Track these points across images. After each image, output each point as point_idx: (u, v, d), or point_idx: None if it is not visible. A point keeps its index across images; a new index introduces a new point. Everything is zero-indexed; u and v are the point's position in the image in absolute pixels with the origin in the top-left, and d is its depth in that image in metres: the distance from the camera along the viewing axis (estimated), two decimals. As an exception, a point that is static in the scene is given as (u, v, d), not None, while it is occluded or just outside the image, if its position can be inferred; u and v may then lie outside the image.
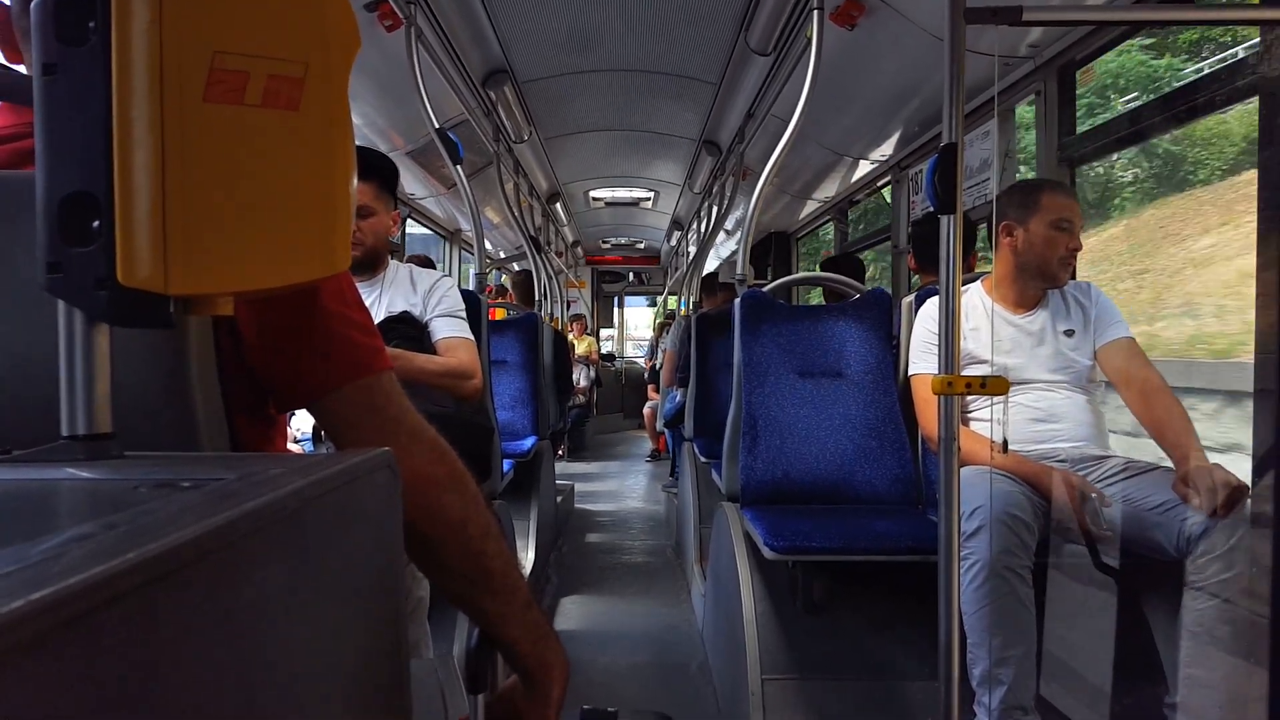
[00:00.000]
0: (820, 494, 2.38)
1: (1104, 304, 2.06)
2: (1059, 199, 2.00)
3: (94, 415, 0.47)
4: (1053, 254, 1.98)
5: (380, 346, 0.75)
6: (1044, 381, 2.01)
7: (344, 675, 0.44)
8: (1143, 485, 1.79)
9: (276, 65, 0.46)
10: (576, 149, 5.24)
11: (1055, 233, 1.97)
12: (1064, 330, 2.03)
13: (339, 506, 0.44)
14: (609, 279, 11.78)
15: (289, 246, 0.48)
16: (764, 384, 2.46)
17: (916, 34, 2.57)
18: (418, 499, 0.72)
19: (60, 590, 0.23)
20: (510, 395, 3.99)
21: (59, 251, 0.44)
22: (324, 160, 0.49)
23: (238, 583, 0.32)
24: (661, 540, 4.69)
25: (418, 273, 2.19)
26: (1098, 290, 2.09)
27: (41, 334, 0.49)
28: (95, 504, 0.39)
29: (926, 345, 2.18)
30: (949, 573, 1.45)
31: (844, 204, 5.19)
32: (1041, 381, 2.01)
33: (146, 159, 0.43)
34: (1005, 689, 1.70)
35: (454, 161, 2.85)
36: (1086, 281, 2.13)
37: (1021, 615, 1.71)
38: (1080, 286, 2.10)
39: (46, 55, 0.43)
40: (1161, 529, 1.70)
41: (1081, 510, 1.76)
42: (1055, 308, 2.07)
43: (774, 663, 2.14)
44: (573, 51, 3.53)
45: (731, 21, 3.13)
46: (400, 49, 2.66)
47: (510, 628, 0.82)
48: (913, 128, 3.58)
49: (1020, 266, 2.04)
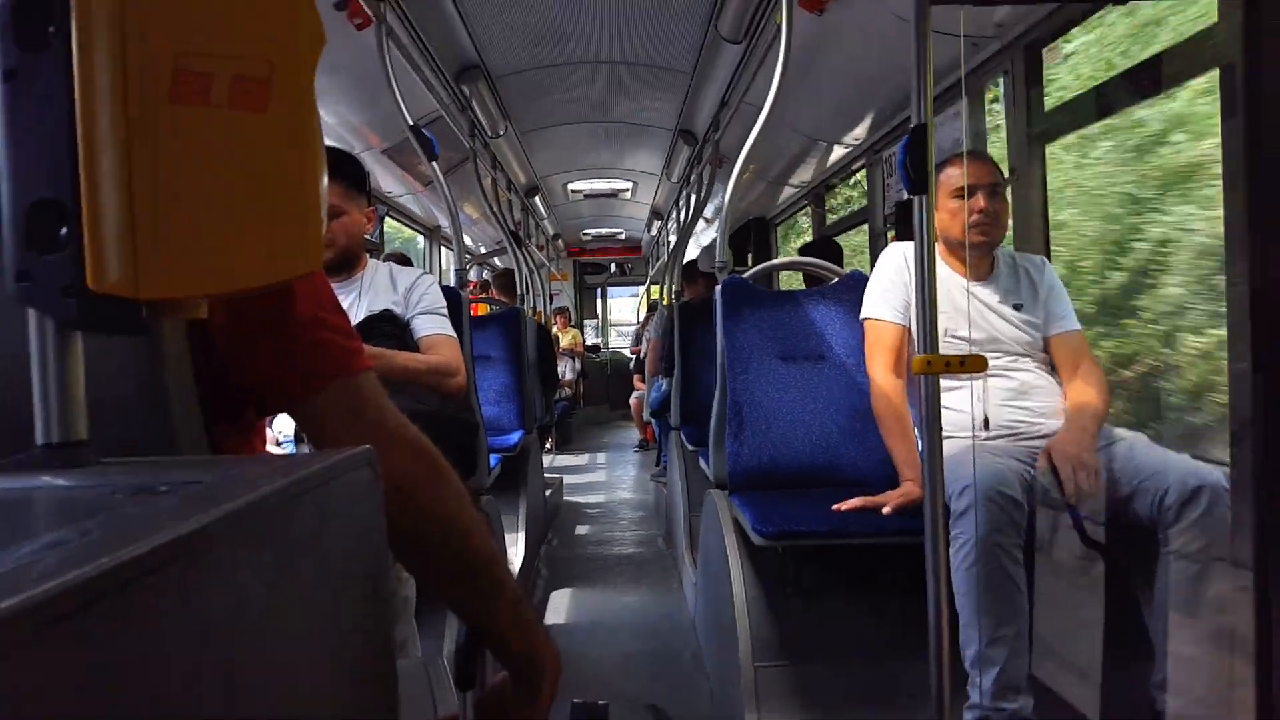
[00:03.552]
0: (807, 478, 2.39)
1: (1056, 288, 2.12)
2: (952, 169, 2.07)
3: (68, 422, 0.46)
4: (956, 222, 2.07)
5: (358, 348, 0.75)
6: (1008, 354, 2.03)
7: (329, 675, 0.44)
8: (1118, 455, 1.81)
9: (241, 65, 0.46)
10: (553, 142, 5.22)
11: (955, 201, 2.06)
12: (1013, 303, 2.06)
13: (319, 506, 0.44)
14: (591, 271, 11.77)
15: (261, 247, 0.48)
16: (747, 370, 2.47)
17: (885, 17, 2.58)
18: (401, 498, 0.72)
19: (35, 595, 0.23)
20: (495, 390, 3.98)
21: (27, 260, 0.43)
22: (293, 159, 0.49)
23: (217, 585, 0.32)
24: (651, 530, 4.70)
25: (398, 271, 2.18)
26: (1051, 271, 2.15)
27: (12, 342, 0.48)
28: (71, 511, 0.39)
29: (882, 291, 2.20)
30: (936, 553, 1.47)
31: (820, 189, 5.20)
32: (1006, 354, 2.03)
33: (112, 163, 0.43)
34: (998, 669, 1.70)
35: (429, 158, 2.83)
36: (1041, 258, 2.18)
37: (1013, 594, 1.70)
38: (1033, 261, 2.16)
39: (6, 61, 0.43)
40: (1138, 499, 1.72)
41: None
42: (1006, 278, 2.12)
43: (766, 649, 2.16)
44: (546, 45, 3.52)
45: (702, 10, 3.13)
46: (371, 47, 2.64)
47: (499, 624, 0.82)
48: (885, 111, 3.59)
49: (943, 239, 2.12)
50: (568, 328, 9.44)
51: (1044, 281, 2.11)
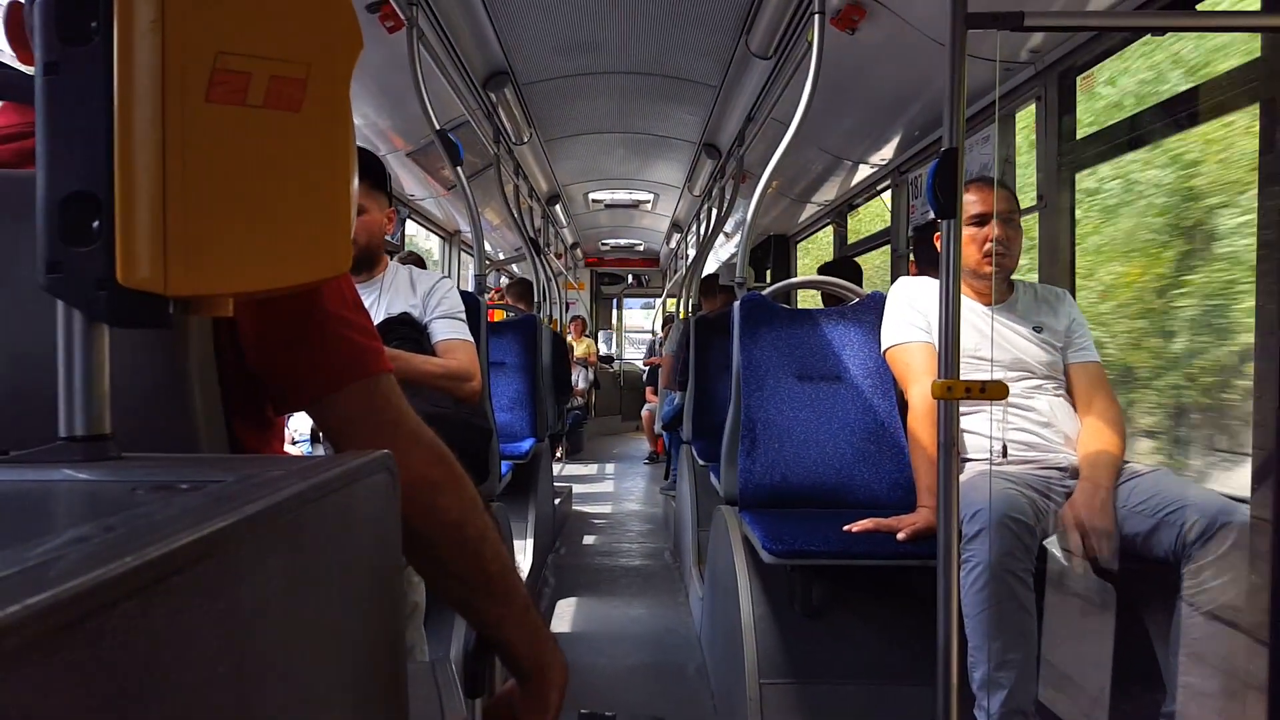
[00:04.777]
0: (819, 497, 2.37)
1: (1078, 319, 2.12)
2: (966, 195, 2.05)
3: (92, 416, 0.46)
4: (971, 249, 2.07)
5: (380, 349, 0.75)
6: (1032, 377, 2.02)
7: (341, 676, 0.44)
8: (1141, 489, 1.79)
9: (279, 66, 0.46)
10: (577, 151, 5.24)
11: (969, 229, 2.06)
12: (1033, 325, 2.05)
13: (338, 509, 0.43)
14: (608, 281, 11.77)
15: (289, 248, 0.48)
16: (763, 387, 2.46)
17: (917, 38, 2.57)
18: (416, 501, 0.72)
19: (58, 594, 0.22)
20: (509, 397, 3.99)
21: (59, 251, 0.43)
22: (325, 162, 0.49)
23: (235, 585, 0.32)
24: (659, 543, 4.69)
25: (417, 274, 2.18)
26: (1072, 302, 2.16)
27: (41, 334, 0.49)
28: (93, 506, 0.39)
29: (901, 319, 2.20)
30: (948, 577, 1.45)
31: (843, 208, 5.19)
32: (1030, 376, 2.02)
33: (147, 159, 0.43)
34: (1006, 693, 1.69)
35: (454, 163, 2.84)
36: (1064, 290, 2.18)
37: (1022, 619, 1.70)
38: (1055, 291, 2.17)
39: (48, 54, 0.43)
40: (1160, 533, 1.70)
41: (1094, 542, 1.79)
42: (1024, 303, 2.12)
43: (772, 667, 2.14)
44: (574, 54, 3.53)
45: (732, 25, 3.13)
46: (401, 50, 2.66)
47: (509, 631, 0.81)
48: (913, 132, 3.59)
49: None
50: (582, 337, 9.46)
51: (1065, 311, 2.10)
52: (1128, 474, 1.86)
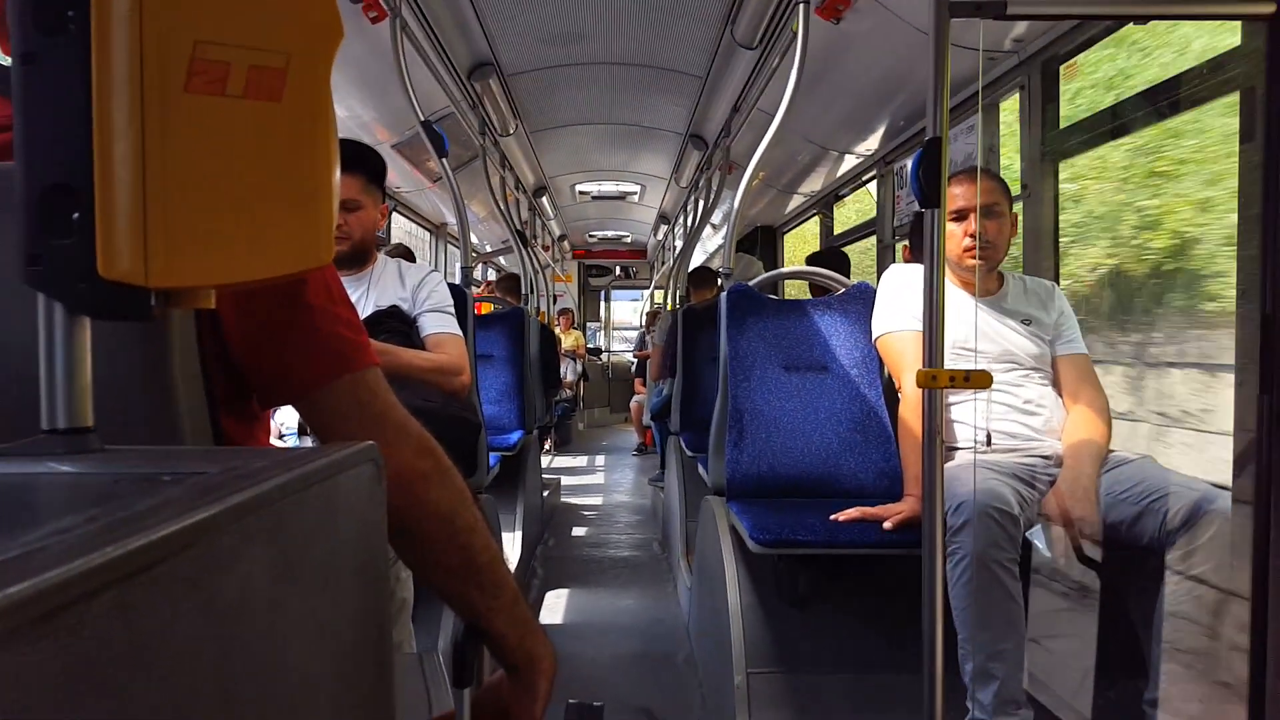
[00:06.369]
0: (806, 487, 2.38)
1: (1066, 312, 2.13)
2: (952, 188, 2.05)
3: (74, 409, 0.46)
4: (953, 242, 2.07)
5: (366, 343, 0.75)
6: (1020, 368, 2.03)
7: (328, 668, 0.44)
8: (1125, 477, 1.81)
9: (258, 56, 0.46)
10: (563, 142, 5.23)
11: (954, 223, 2.06)
12: (1022, 318, 2.06)
13: (322, 500, 0.43)
14: (595, 273, 11.76)
15: (271, 239, 0.48)
16: (750, 378, 2.47)
17: (901, 28, 2.58)
18: (404, 494, 0.72)
19: (39, 584, 0.22)
20: (497, 389, 3.98)
21: (39, 244, 0.43)
22: (307, 152, 0.48)
23: (219, 576, 0.32)
24: (648, 534, 4.70)
25: (406, 267, 2.18)
26: (1061, 296, 2.16)
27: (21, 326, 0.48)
28: (75, 498, 0.39)
29: (893, 306, 2.20)
30: (932, 566, 1.46)
31: (829, 198, 5.20)
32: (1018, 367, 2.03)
33: (127, 150, 0.43)
34: (998, 683, 1.70)
35: (439, 154, 2.83)
36: (1052, 283, 2.19)
37: (1010, 609, 1.71)
38: (1044, 284, 2.17)
39: (25, 44, 0.43)
40: (1144, 520, 1.72)
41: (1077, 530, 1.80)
42: (1014, 295, 2.12)
43: (759, 656, 2.15)
44: (559, 44, 3.52)
45: (718, 15, 3.13)
46: (385, 41, 2.64)
47: (497, 621, 0.82)
48: (898, 122, 3.59)
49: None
50: (570, 329, 9.45)
51: (1054, 305, 2.11)
52: (1113, 462, 1.88)
